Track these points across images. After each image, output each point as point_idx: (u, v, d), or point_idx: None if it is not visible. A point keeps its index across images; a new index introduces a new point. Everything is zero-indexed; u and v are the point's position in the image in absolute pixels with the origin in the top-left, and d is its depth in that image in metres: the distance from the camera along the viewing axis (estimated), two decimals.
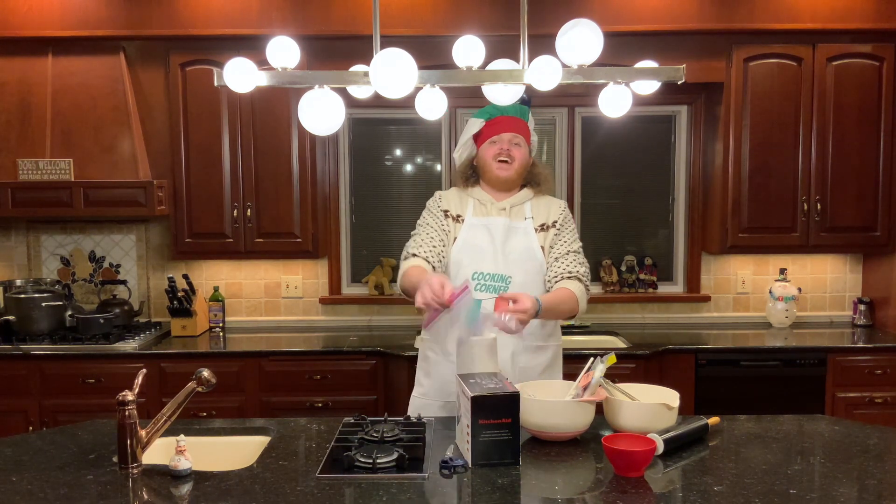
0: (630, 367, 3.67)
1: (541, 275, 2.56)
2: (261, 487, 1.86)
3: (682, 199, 4.41)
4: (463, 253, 2.55)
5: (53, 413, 3.72)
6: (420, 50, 2.87)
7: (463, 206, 2.62)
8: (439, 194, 2.69)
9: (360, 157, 4.41)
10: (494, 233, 2.55)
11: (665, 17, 3.86)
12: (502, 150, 2.56)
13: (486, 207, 2.60)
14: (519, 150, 2.58)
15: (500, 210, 2.59)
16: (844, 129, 3.98)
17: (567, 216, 2.64)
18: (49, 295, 3.97)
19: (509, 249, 2.53)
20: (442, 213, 2.62)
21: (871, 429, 2.28)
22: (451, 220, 2.61)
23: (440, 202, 2.65)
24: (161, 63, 4.02)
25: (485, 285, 2.50)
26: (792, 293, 4.18)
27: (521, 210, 2.61)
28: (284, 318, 4.37)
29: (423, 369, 2.65)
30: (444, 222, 2.60)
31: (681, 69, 2.22)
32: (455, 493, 1.83)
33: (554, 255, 2.55)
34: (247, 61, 2.15)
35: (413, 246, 2.58)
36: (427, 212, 2.66)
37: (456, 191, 2.69)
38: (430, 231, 2.59)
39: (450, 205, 2.63)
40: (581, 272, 2.53)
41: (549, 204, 2.65)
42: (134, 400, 1.98)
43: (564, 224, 2.61)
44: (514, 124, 2.59)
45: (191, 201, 3.99)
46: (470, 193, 2.64)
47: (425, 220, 2.64)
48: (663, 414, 2.16)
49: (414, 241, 2.60)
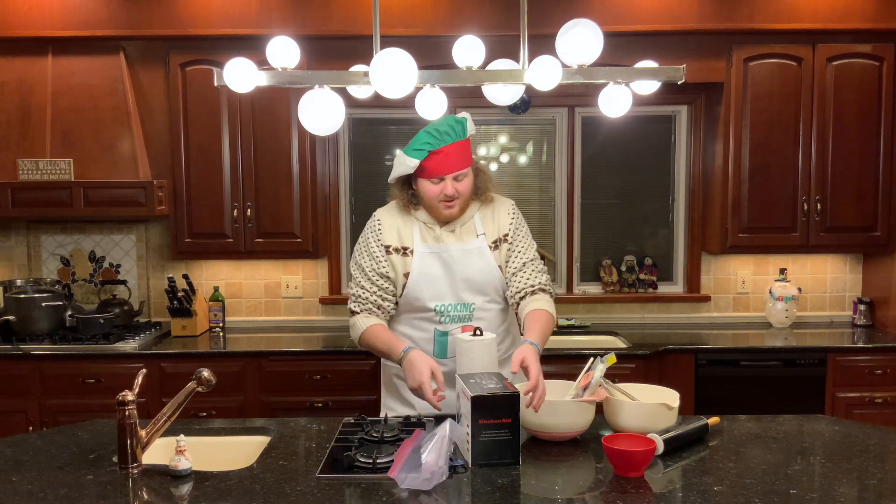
0: (630, 367, 3.67)
1: (501, 295, 2.50)
2: (261, 487, 1.86)
3: (682, 199, 4.41)
4: (420, 288, 2.43)
5: (53, 413, 3.71)
6: (420, 50, 2.87)
7: (408, 232, 2.46)
8: (378, 220, 2.50)
9: (360, 157, 4.41)
10: (448, 261, 2.44)
11: (665, 17, 3.86)
12: (446, 194, 2.38)
13: (435, 231, 2.46)
14: (464, 184, 2.41)
15: (450, 232, 2.46)
16: (844, 129, 3.98)
17: (518, 221, 2.53)
18: (49, 295, 3.97)
19: (467, 275, 2.44)
20: (382, 249, 2.46)
21: (871, 429, 2.28)
22: (398, 255, 2.45)
23: (380, 235, 2.47)
24: (161, 63, 4.02)
25: (449, 316, 2.44)
26: (792, 293, 4.18)
27: (471, 226, 2.48)
28: (284, 318, 4.36)
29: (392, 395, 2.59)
30: (387, 261, 2.45)
31: (681, 69, 2.22)
32: (455, 492, 1.83)
33: (511, 270, 2.46)
34: (247, 61, 2.15)
35: (353, 298, 2.49)
36: (365, 250, 2.48)
37: (397, 211, 2.51)
38: (365, 282, 2.46)
39: (392, 237, 2.46)
40: (543, 281, 2.45)
41: (497, 211, 2.51)
42: (134, 400, 1.98)
43: (517, 232, 2.50)
44: (456, 158, 2.37)
45: (191, 201, 3.99)
46: (414, 216, 2.48)
47: (360, 262, 2.49)
48: (663, 414, 2.17)
49: (354, 290, 2.49)
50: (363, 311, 2.48)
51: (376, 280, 2.46)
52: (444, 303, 2.44)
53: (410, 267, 2.45)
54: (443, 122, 2.39)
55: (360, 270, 2.49)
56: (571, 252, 4.40)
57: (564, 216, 4.39)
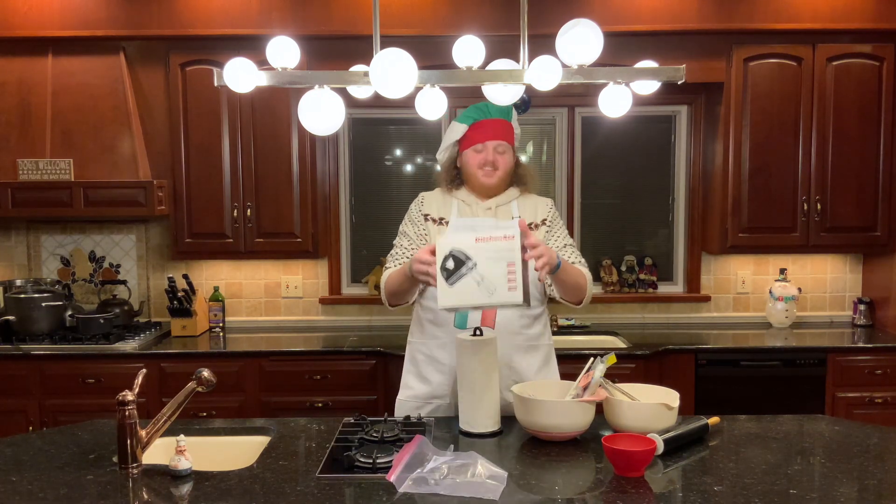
0: (630, 367, 3.67)
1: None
2: (261, 487, 1.86)
3: (682, 199, 4.41)
4: None
5: (53, 413, 3.72)
6: (420, 50, 2.87)
7: (446, 207, 2.57)
8: (422, 197, 2.64)
9: (360, 157, 4.41)
10: None
11: (665, 17, 3.86)
12: (487, 160, 2.50)
13: (472, 208, 2.56)
14: (503, 158, 2.52)
15: (486, 210, 2.54)
16: (844, 129, 3.98)
17: (556, 215, 2.61)
18: (49, 295, 3.97)
19: None
20: (422, 217, 2.57)
21: (871, 429, 2.28)
22: (433, 224, 2.55)
23: (422, 206, 2.60)
24: (161, 63, 4.02)
25: None
26: (792, 293, 4.18)
27: (508, 209, 2.56)
28: (284, 318, 4.37)
29: (411, 371, 2.62)
30: (425, 227, 2.55)
31: (681, 69, 2.22)
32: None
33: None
34: (247, 61, 2.15)
35: (391, 259, 2.55)
36: (407, 218, 2.61)
37: (440, 192, 2.64)
38: (408, 243, 2.54)
39: (431, 208, 2.58)
40: (583, 263, 2.52)
41: (536, 203, 2.61)
42: (134, 400, 1.98)
43: (554, 221, 2.58)
44: (498, 130, 2.53)
45: (191, 201, 3.99)
46: (454, 195, 2.59)
47: (404, 229, 2.59)
48: (663, 414, 2.17)
49: (393, 254, 2.57)
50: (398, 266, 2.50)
51: (417, 240, 2.54)
52: None
53: None
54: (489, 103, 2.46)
55: (403, 236, 2.58)
56: None
57: (564, 216, 4.39)
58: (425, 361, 2.56)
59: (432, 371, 2.54)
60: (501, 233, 2.04)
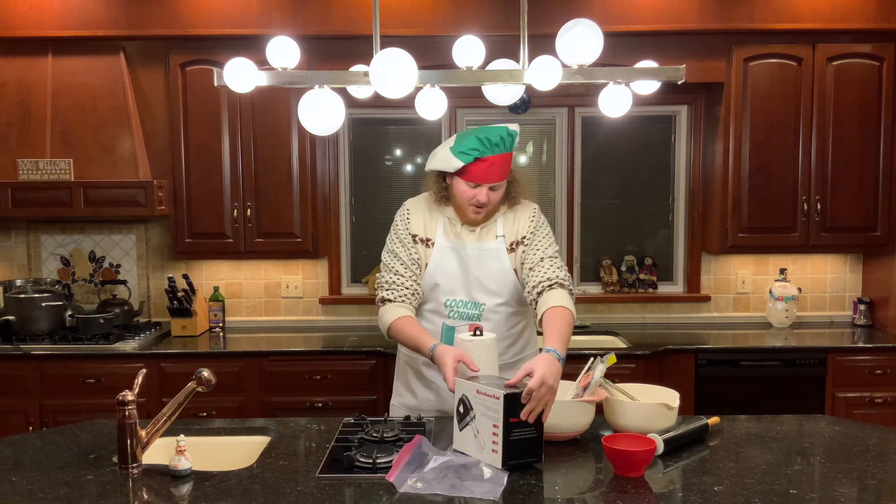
0: (630, 367, 3.67)
1: (515, 298, 2.49)
2: (261, 487, 1.87)
3: (682, 199, 4.41)
4: (435, 280, 2.46)
5: (53, 413, 3.72)
6: (420, 50, 2.87)
7: (433, 224, 2.50)
8: (407, 210, 2.54)
9: (360, 157, 4.41)
10: (465, 258, 2.46)
11: (665, 17, 3.86)
12: (479, 201, 2.39)
13: (456, 228, 2.49)
14: (496, 194, 2.42)
15: (470, 232, 2.48)
16: (844, 129, 3.98)
17: (538, 222, 2.50)
18: (49, 295, 3.97)
19: (481, 275, 2.45)
20: (410, 237, 2.49)
21: (871, 429, 2.28)
22: (422, 245, 2.49)
23: (408, 223, 2.51)
24: (161, 63, 4.02)
25: (458, 312, 2.46)
26: (792, 293, 4.18)
27: (493, 228, 2.49)
28: (284, 318, 4.37)
29: (401, 380, 2.62)
30: (415, 249, 2.48)
31: (681, 69, 2.22)
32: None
33: (528, 266, 2.43)
34: (247, 61, 2.15)
35: (387, 286, 2.47)
36: (395, 235, 2.52)
37: (425, 203, 2.55)
38: (401, 267, 2.47)
39: (418, 226, 2.50)
40: (561, 276, 2.39)
41: (519, 215, 2.51)
42: (134, 400, 1.98)
43: (536, 231, 2.48)
44: (497, 170, 2.38)
45: (191, 201, 3.99)
46: (441, 211, 2.51)
47: (394, 248, 2.50)
48: (663, 414, 2.17)
49: (387, 277, 2.48)
50: (397, 299, 2.45)
51: (411, 265, 2.48)
52: (455, 298, 2.47)
53: (430, 258, 2.48)
54: (495, 133, 2.36)
55: (393, 257, 2.49)
56: (571, 252, 4.40)
57: (564, 216, 4.39)
58: (413, 375, 2.57)
59: (419, 385, 2.55)
60: (493, 391, 1.95)
